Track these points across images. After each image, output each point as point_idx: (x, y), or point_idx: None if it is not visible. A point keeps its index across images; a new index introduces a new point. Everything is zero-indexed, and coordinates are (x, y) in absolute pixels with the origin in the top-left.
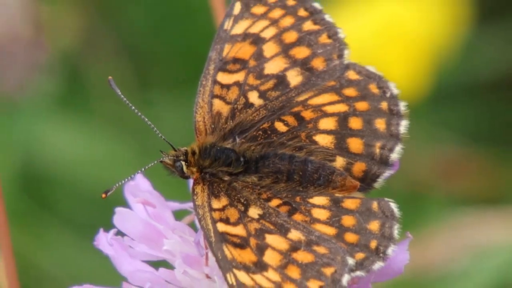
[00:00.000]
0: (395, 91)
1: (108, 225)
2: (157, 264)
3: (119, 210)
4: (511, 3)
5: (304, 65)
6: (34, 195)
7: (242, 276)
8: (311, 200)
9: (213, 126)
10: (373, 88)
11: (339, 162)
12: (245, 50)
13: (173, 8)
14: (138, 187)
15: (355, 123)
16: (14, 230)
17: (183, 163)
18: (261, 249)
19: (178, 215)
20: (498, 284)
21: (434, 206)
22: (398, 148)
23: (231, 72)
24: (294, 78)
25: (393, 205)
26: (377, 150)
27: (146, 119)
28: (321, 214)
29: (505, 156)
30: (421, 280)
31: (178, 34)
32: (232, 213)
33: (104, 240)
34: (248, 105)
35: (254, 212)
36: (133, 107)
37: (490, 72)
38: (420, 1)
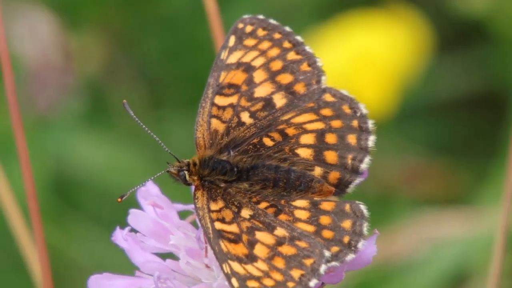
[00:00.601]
0: (364, 111)
1: (124, 223)
2: (164, 256)
3: (132, 211)
4: (466, 36)
5: (288, 89)
6: (64, 196)
7: (236, 266)
8: (293, 203)
9: (211, 141)
10: (346, 108)
11: (317, 171)
12: (238, 77)
13: (182, 42)
14: (149, 192)
15: (330, 138)
16: (47, 226)
17: (186, 172)
18: (251, 243)
19: (182, 215)
20: (453, 271)
21: (399, 206)
22: (367, 159)
23: (226, 95)
24: (279, 100)
25: (363, 207)
26: (349, 161)
27: (155, 136)
28: (302, 214)
29: (460, 165)
30: (388, 269)
31: (185, 63)
32: (227, 214)
33: (120, 236)
34: (241, 123)
35: (245, 213)
36: (145, 126)
37: (448, 94)
38: (387, 34)
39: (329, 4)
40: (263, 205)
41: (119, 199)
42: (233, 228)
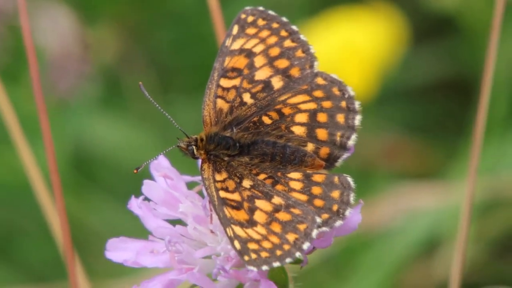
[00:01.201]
0: (352, 93)
1: (137, 194)
2: (174, 222)
3: (146, 181)
4: (437, 29)
5: (284, 73)
6: (83, 171)
7: (238, 230)
8: (288, 175)
9: (216, 119)
10: (336, 90)
11: (310, 147)
12: (240, 62)
13: (188, 34)
14: (160, 165)
15: (322, 117)
16: (68, 197)
17: (194, 147)
18: (252, 210)
19: (190, 186)
20: (426, 238)
21: (379, 180)
22: (354, 137)
23: (230, 78)
24: (277, 83)
25: (350, 179)
26: (338, 138)
27: (167, 114)
28: (296, 185)
29: (432, 143)
30: (368, 236)
31: (191, 53)
32: (230, 184)
33: (135, 204)
34: (243, 103)
35: (246, 183)
36: (158, 105)
37: (422, 80)
38: (369, 27)
39: (317, 1)
40: (261, 176)
41: (135, 170)
42: (236, 196)
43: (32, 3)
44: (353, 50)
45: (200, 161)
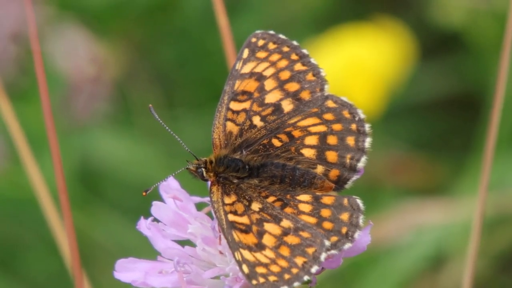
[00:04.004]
0: (362, 115)
1: (142, 210)
2: (183, 243)
3: (155, 203)
4: (444, 45)
5: (294, 96)
6: (89, 187)
7: (246, 254)
8: (298, 197)
9: (226, 142)
10: (346, 113)
11: (319, 169)
12: (251, 85)
13: (193, 50)
14: (170, 186)
15: (332, 140)
16: (75, 212)
17: (203, 169)
18: (260, 234)
19: (199, 206)
20: (434, 253)
21: (385, 195)
22: (363, 159)
23: (240, 101)
24: (287, 106)
25: (359, 201)
26: (348, 160)
27: (176, 136)
28: (306, 207)
29: (438, 159)
30: (376, 251)
31: (196, 68)
32: (239, 207)
33: (144, 225)
34: (252, 126)
35: (255, 206)
36: (167, 127)
37: (428, 96)
38: (375, 44)
39: (323, 18)
40: (271, 199)
41: (144, 193)
42: (244, 219)
43: (51, 26)
44: (359, 67)
45: (209, 183)
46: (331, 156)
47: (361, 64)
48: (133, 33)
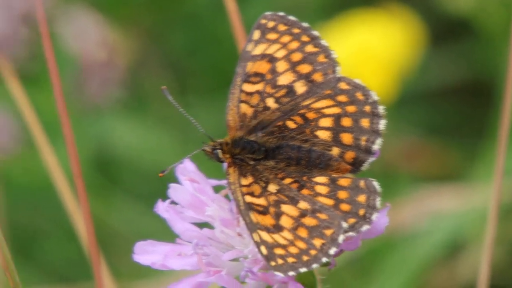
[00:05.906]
0: (376, 97)
1: (157, 196)
2: (201, 225)
3: (173, 185)
4: (453, 31)
5: (307, 78)
6: (105, 173)
7: (264, 235)
8: (314, 179)
9: (240, 123)
10: (359, 95)
11: (335, 151)
12: (263, 67)
13: (204, 36)
14: (186, 169)
15: (346, 122)
16: (92, 198)
17: (219, 151)
18: (278, 215)
19: (217, 189)
20: (448, 240)
21: (401, 182)
22: (379, 141)
23: (253, 83)
24: (300, 88)
25: (376, 183)
26: (363, 142)
27: (191, 118)
28: (322, 189)
29: (450, 144)
30: (392, 238)
31: (207, 55)
32: (256, 188)
33: (161, 207)
34: (266, 108)
35: (272, 187)
36: (182, 110)
37: (439, 82)
38: (385, 30)
39: (332, 4)
40: (287, 180)
41: (160, 174)
42: (262, 201)
43: (61, 9)
44: (369, 53)
45: (225, 165)
46: (346, 138)
47: (370, 50)
48: (142, 20)
